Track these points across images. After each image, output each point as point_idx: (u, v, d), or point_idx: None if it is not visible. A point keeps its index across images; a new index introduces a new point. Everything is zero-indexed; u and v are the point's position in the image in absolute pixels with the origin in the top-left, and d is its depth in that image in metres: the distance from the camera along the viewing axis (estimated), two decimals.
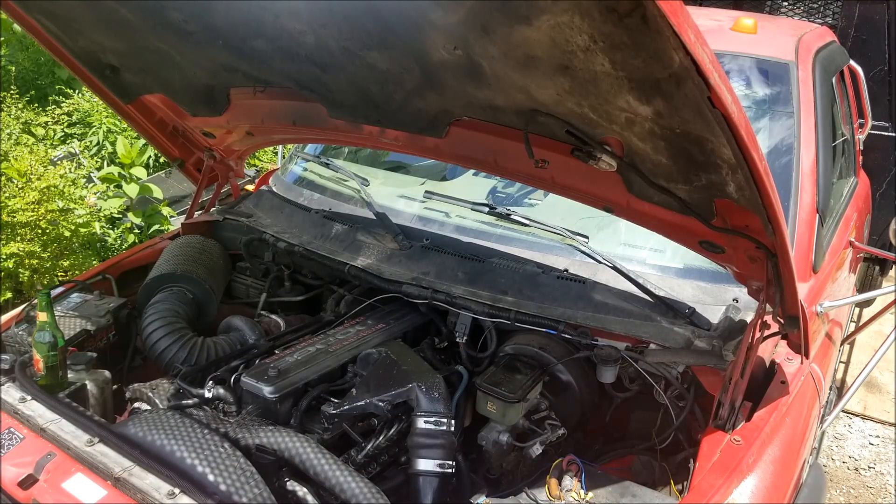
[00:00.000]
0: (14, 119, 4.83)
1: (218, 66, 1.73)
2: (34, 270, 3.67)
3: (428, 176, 2.36)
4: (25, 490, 1.42)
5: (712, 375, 1.63)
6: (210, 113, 2.02)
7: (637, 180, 1.36)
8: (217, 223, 2.43)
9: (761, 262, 1.44)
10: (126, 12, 1.54)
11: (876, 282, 4.08)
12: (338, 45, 1.37)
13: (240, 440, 1.49)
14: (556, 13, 0.93)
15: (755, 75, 2.27)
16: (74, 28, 1.76)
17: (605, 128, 1.24)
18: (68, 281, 2.19)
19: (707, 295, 1.81)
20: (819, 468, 1.86)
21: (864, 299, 3.13)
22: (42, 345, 1.64)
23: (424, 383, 1.67)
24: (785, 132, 2.10)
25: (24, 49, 6.13)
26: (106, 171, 4.40)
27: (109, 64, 1.92)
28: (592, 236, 1.91)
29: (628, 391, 1.85)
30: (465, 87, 1.34)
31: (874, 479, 3.25)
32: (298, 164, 2.62)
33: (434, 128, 1.57)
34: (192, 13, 1.47)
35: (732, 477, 1.38)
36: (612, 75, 1.03)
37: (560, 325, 1.77)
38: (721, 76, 0.96)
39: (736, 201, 1.27)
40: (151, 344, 1.90)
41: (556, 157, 1.42)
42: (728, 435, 1.48)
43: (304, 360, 1.74)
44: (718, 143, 1.10)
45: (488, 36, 1.09)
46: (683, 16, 0.85)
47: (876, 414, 3.64)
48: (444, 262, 1.97)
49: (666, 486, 1.60)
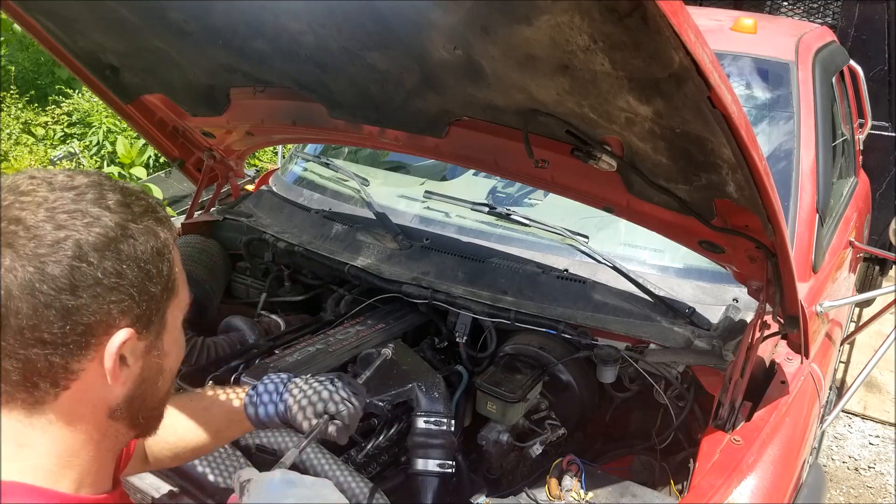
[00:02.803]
0: (14, 119, 4.84)
1: (218, 66, 1.72)
2: None
3: (428, 176, 2.36)
4: None
5: (712, 375, 1.63)
6: (210, 113, 2.02)
7: (637, 180, 1.36)
8: (217, 223, 2.43)
9: (761, 262, 1.44)
10: (126, 12, 1.54)
11: (876, 282, 4.08)
12: (338, 45, 1.37)
13: (239, 440, 1.49)
14: (556, 13, 0.93)
15: (755, 75, 2.27)
16: (74, 28, 1.76)
17: (604, 128, 1.24)
18: None
19: (707, 295, 1.81)
20: (819, 468, 1.86)
21: (863, 299, 3.14)
22: None
23: (424, 383, 1.67)
24: (785, 132, 2.10)
25: (23, 49, 6.13)
26: (106, 170, 4.40)
27: (109, 64, 1.92)
28: (592, 236, 1.91)
29: (628, 391, 1.85)
30: (465, 86, 1.34)
31: (874, 478, 3.25)
32: (298, 164, 2.62)
33: (434, 128, 1.57)
34: (192, 13, 1.47)
35: (732, 477, 1.38)
36: (612, 75, 1.03)
37: (560, 325, 1.77)
38: (721, 76, 0.96)
39: (736, 201, 1.27)
40: None
41: (556, 157, 1.42)
42: (728, 435, 1.48)
43: (304, 360, 1.74)
44: (718, 143, 1.10)
45: (488, 36, 1.09)
46: (683, 16, 0.85)
47: (876, 414, 3.64)
48: (444, 262, 1.97)
49: (666, 486, 1.60)
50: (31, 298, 0.68)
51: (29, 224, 0.69)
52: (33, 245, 0.68)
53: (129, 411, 0.79)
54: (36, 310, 0.68)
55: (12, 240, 0.68)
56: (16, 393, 0.72)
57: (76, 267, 0.69)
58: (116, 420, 0.79)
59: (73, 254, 0.69)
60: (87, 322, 0.71)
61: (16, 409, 0.73)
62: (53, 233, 0.69)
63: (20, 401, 0.72)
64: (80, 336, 0.71)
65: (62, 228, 0.69)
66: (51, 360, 0.70)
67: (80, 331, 0.71)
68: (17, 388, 0.72)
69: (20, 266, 0.67)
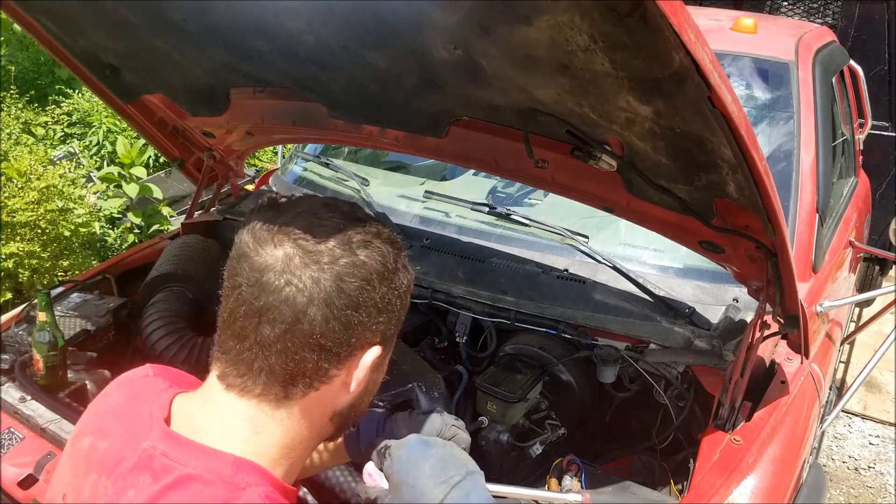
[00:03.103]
0: (14, 119, 4.83)
1: (218, 65, 1.72)
2: (34, 270, 3.67)
3: (428, 176, 2.36)
4: (25, 490, 1.42)
5: (712, 375, 1.63)
6: (210, 113, 2.01)
7: (637, 180, 1.36)
8: (217, 223, 2.43)
9: (761, 262, 1.44)
10: (126, 12, 1.54)
11: (876, 282, 4.08)
12: (338, 45, 1.37)
13: None
14: (557, 13, 0.93)
15: (755, 75, 2.27)
16: (74, 28, 1.76)
17: (605, 127, 1.24)
18: (68, 281, 2.19)
19: (707, 295, 1.81)
20: (819, 468, 1.86)
21: (863, 299, 3.14)
22: (42, 345, 1.64)
23: (424, 383, 1.67)
24: (785, 132, 2.10)
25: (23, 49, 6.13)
26: (106, 170, 4.40)
27: (109, 64, 1.92)
28: (592, 236, 1.91)
29: (628, 391, 1.85)
30: (466, 86, 1.34)
31: (874, 478, 3.25)
32: (298, 164, 2.62)
33: (434, 127, 1.57)
34: (192, 13, 1.47)
35: (732, 477, 1.38)
36: (613, 75, 1.03)
37: (560, 324, 1.77)
38: (721, 76, 0.96)
39: (736, 201, 1.26)
40: (151, 343, 1.90)
41: (556, 157, 1.42)
42: (728, 435, 1.48)
43: None
44: (718, 143, 1.10)
45: (488, 35, 1.09)
46: (684, 15, 0.85)
47: (876, 414, 3.64)
48: (444, 261, 1.97)
49: (666, 486, 1.60)
50: (326, 309, 0.78)
51: (331, 246, 0.79)
52: (335, 265, 0.78)
53: (344, 417, 0.89)
54: (326, 320, 0.78)
55: (318, 258, 0.78)
56: (273, 387, 0.80)
57: (364, 289, 0.80)
58: (332, 423, 0.89)
59: (364, 277, 0.80)
60: (359, 336, 0.82)
61: (266, 401, 0.81)
62: (350, 257, 0.80)
63: (273, 395, 0.81)
64: (349, 347, 0.82)
65: (356, 255, 0.80)
66: (319, 364, 0.80)
67: (352, 343, 0.82)
68: (276, 383, 0.80)
69: (324, 280, 0.78)
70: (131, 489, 0.77)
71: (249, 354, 0.80)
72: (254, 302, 0.78)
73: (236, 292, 0.80)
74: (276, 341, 0.78)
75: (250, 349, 0.79)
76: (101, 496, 0.80)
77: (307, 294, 0.77)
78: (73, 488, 0.86)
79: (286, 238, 0.79)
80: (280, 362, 0.79)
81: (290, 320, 0.77)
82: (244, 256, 0.80)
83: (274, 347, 0.78)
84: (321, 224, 0.80)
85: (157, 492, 0.76)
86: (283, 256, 0.78)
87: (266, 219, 0.81)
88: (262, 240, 0.79)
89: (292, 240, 0.78)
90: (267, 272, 0.77)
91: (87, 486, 0.83)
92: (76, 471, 0.86)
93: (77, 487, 0.85)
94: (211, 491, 0.75)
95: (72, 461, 0.88)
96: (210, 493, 0.75)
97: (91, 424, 0.91)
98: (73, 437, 0.93)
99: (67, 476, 0.88)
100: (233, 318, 0.81)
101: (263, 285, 0.77)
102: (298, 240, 0.78)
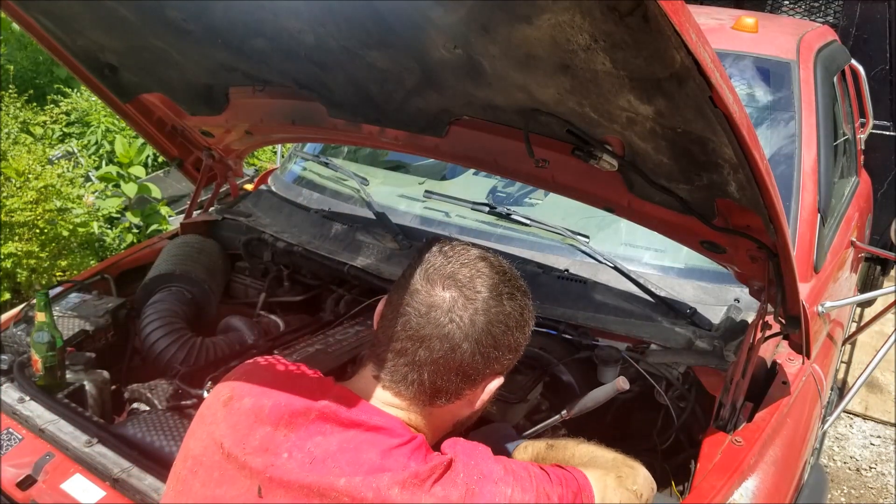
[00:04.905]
0: (12, 118, 4.83)
1: (217, 65, 1.72)
2: (32, 270, 3.66)
3: (428, 175, 2.35)
4: (24, 491, 1.41)
5: (713, 376, 1.63)
6: (209, 112, 2.01)
7: (638, 180, 1.36)
8: (216, 223, 2.43)
9: (763, 263, 1.43)
10: (125, 11, 1.54)
11: (877, 282, 4.08)
12: (337, 45, 1.37)
13: None
14: (557, 12, 0.92)
15: (756, 74, 2.26)
16: (73, 27, 1.76)
17: (605, 127, 1.23)
18: (67, 281, 2.18)
19: (708, 295, 1.80)
20: (820, 469, 1.86)
21: (865, 299, 3.13)
22: (40, 345, 1.63)
23: None
24: (786, 132, 2.10)
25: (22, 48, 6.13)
26: (104, 170, 4.39)
27: (108, 63, 1.91)
28: (593, 236, 1.90)
29: (629, 392, 1.84)
30: (466, 86, 1.34)
31: (875, 479, 3.24)
32: (298, 164, 2.61)
33: (434, 127, 1.57)
34: (191, 12, 1.46)
35: (734, 478, 1.38)
36: (613, 74, 1.02)
37: (560, 325, 1.76)
38: (722, 75, 0.96)
39: (737, 201, 1.26)
40: (150, 344, 1.89)
41: (557, 157, 1.41)
42: (729, 436, 1.47)
43: (303, 360, 1.74)
44: (720, 143, 1.10)
45: (489, 35, 1.08)
46: (685, 15, 0.84)
47: (877, 414, 3.63)
48: None
49: (667, 487, 1.60)
50: (475, 346, 0.98)
51: (485, 296, 0.99)
52: (489, 312, 0.98)
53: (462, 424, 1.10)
54: (473, 355, 0.98)
55: (476, 305, 0.98)
56: (421, 395, 1.00)
57: (505, 333, 1.00)
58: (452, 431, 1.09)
59: (507, 324, 1.00)
60: (492, 368, 1.02)
61: (415, 404, 1.01)
62: (500, 307, 1.00)
63: (420, 401, 1.01)
64: (482, 376, 1.02)
65: (504, 305, 1.00)
66: (458, 386, 1.01)
67: (486, 373, 1.02)
68: (424, 394, 1.00)
69: (479, 322, 0.98)
70: (318, 436, 0.94)
71: (405, 369, 0.99)
72: (419, 330, 0.97)
73: (402, 319, 0.99)
74: (430, 363, 0.97)
75: (406, 365, 0.99)
76: (281, 443, 0.95)
77: (464, 332, 0.97)
78: (233, 440, 0.98)
79: (453, 284, 0.98)
80: (430, 379, 0.98)
81: (447, 349, 0.97)
82: (416, 292, 0.99)
83: (427, 367, 0.98)
84: (479, 275, 1.00)
85: (350, 436, 0.94)
86: (449, 299, 0.97)
87: (436, 264, 1.00)
88: (433, 282, 0.99)
89: (458, 287, 0.98)
90: (435, 309, 0.97)
91: (255, 437, 0.96)
92: (237, 427, 0.99)
93: (241, 440, 0.97)
94: (397, 440, 0.94)
95: (231, 417, 1.01)
96: (396, 442, 0.94)
97: (247, 389, 1.04)
98: (216, 401, 1.06)
99: (227, 429, 1.00)
100: (396, 338, 0.99)
101: (430, 319, 0.97)
102: (462, 287, 0.98)
